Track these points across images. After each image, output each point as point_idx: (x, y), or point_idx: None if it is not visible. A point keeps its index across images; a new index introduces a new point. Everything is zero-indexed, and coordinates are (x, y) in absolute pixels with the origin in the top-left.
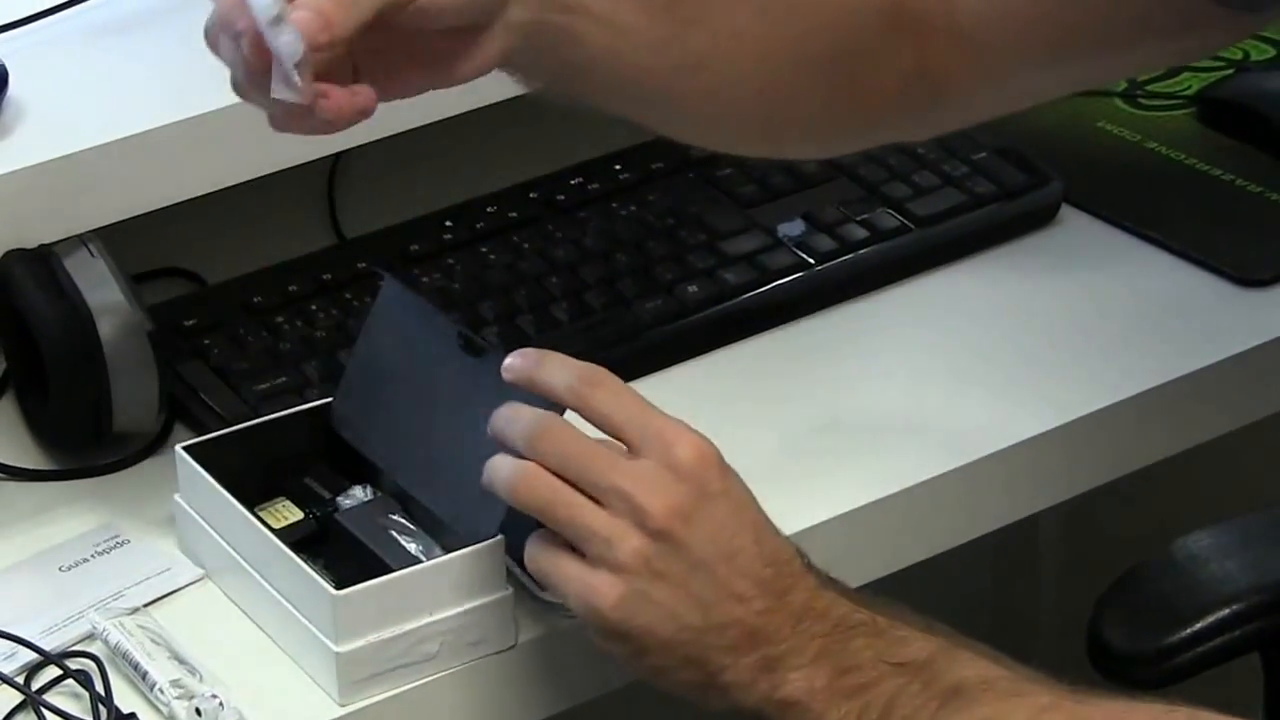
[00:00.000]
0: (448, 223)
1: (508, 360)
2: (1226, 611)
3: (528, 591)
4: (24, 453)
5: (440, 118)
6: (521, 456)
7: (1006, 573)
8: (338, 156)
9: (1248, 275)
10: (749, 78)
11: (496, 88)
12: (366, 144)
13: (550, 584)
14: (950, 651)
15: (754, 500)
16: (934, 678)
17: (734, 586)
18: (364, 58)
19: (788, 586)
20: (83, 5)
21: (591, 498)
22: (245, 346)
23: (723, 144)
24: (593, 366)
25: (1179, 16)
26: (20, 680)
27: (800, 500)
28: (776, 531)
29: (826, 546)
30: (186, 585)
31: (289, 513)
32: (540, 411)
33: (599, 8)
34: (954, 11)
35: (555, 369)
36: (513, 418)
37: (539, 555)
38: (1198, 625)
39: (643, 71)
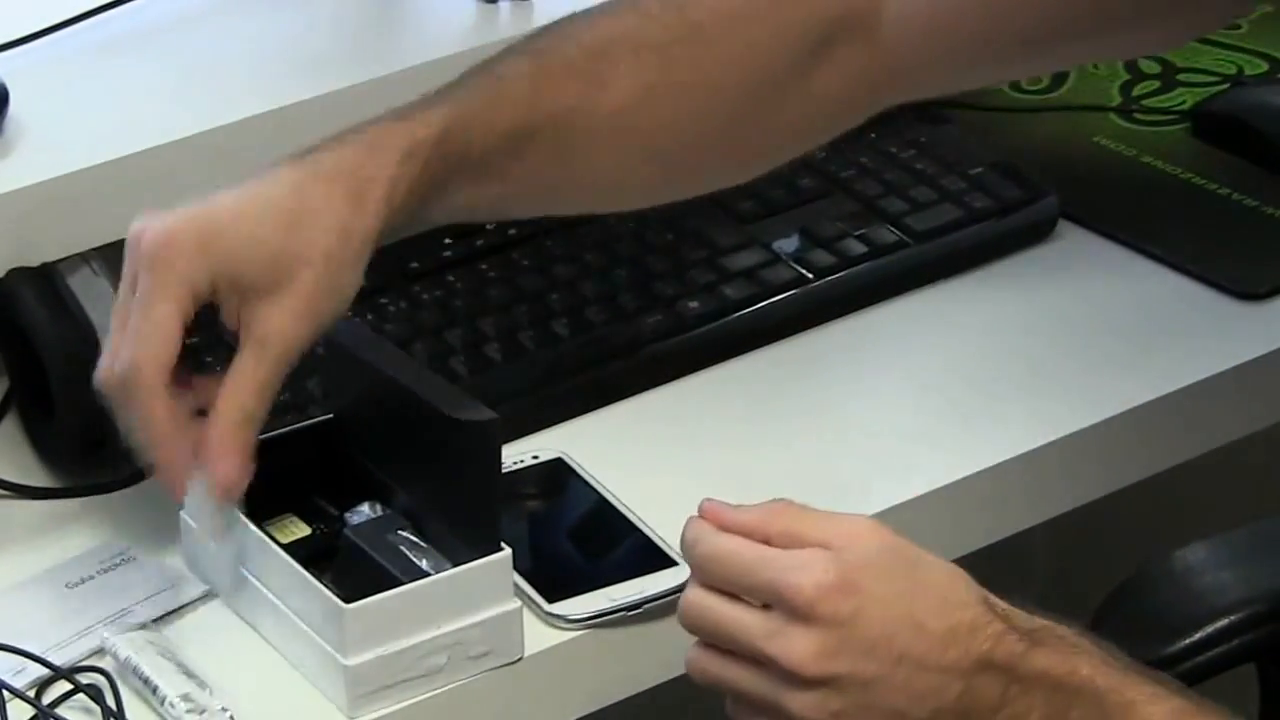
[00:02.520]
0: (447, 240)
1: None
2: (1223, 623)
3: (534, 604)
4: (28, 471)
5: None
6: None
7: (999, 587)
8: None
9: (1244, 289)
10: (658, 167)
11: None
12: None
13: None
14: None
15: (902, 592)
16: None
17: (917, 686)
18: None
19: (981, 661)
20: (82, 24)
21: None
22: None
23: (619, 204)
24: (698, 537)
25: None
26: (31, 695)
27: None
28: (952, 605)
29: None
30: (194, 600)
31: (297, 528)
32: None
33: (481, 201)
34: (899, 28)
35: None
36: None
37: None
38: (1194, 637)
39: (537, 207)
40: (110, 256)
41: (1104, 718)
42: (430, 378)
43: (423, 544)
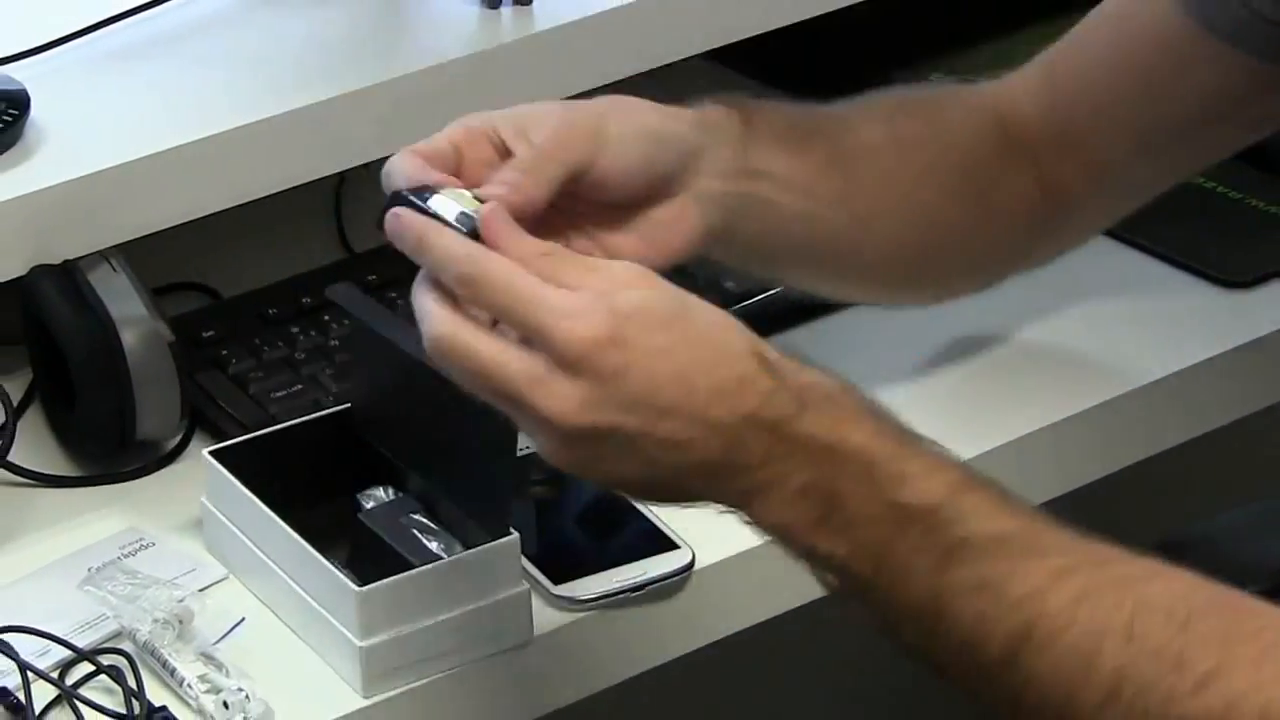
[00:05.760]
0: None
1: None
2: None
3: (542, 586)
4: (52, 460)
5: None
6: None
7: None
8: (344, 174)
9: (1230, 278)
10: (905, 217)
11: (496, 106)
12: (372, 162)
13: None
14: (960, 497)
15: (670, 346)
16: (938, 526)
17: (677, 439)
18: (579, 237)
19: (746, 419)
20: (99, 33)
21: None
22: (261, 356)
23: (896, 294)
24: (466, 256)
25: (1254, 82)
26: (55, 676)
27: None
28: (723, 357)
29: None
30: (212, 584)
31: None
32: (427, 330)
33: (779, 170)
34: (1053, 120)
35: (440, 269)
36: (418, 318)
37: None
38: None
39: (829, 228)
40: (129, 253)
41: (874, 488)
42: None
43: (435, 527)
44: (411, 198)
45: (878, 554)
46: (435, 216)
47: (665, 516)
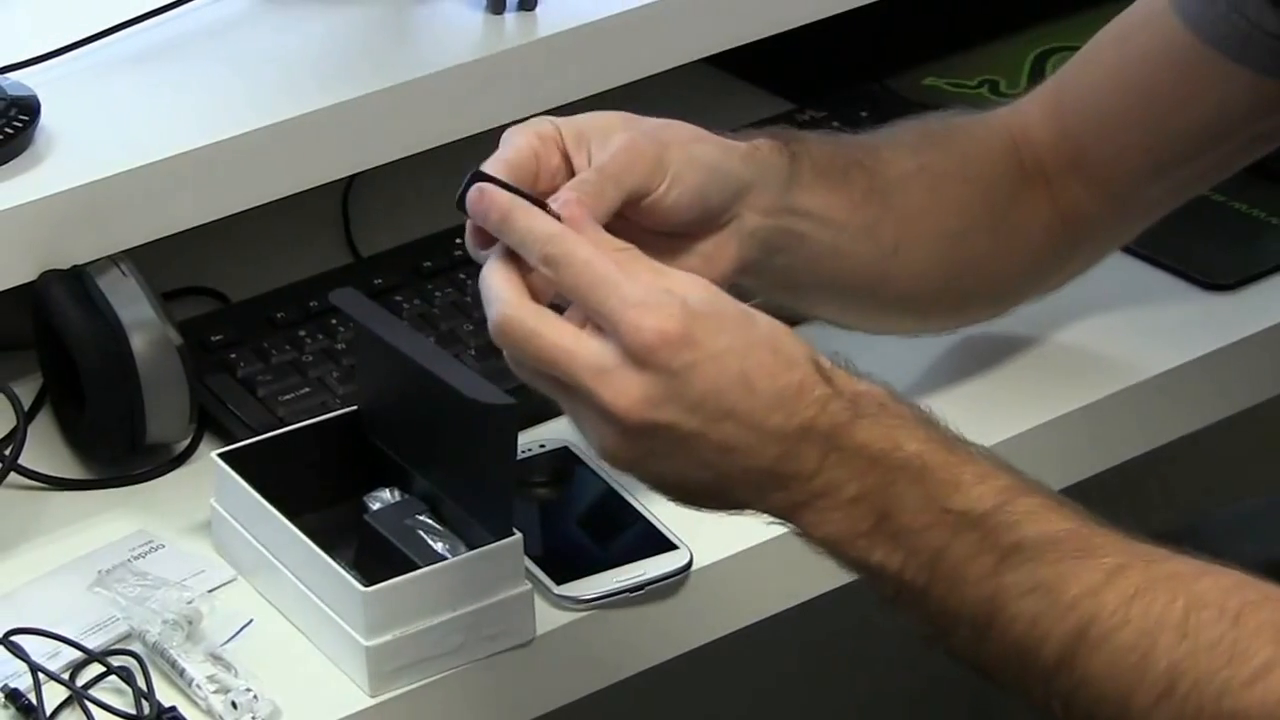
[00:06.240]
0: (458, 239)
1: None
2: None
3: (544, 586)
4: (63, 463)
5: (448, 140)
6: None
7: None
8: (351, 178)
9: (1214, 280)
10: (931, 248)
11: (500, 111)
12: (379, 166)
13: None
14: (1012, 503)
15: (737, 349)
16: (992, 531)
17: (734, 443)
18: None
19: (802, 427)
20: (108, 38)
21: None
22: (269, 359)
23: (920, 324)
24: (552, 236)
25: (1260, 98)
26: (66, 677)
27: None
28: (783, 363)
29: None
30: (221, 586)
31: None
32: (496, 312)
33: (816, 207)
34: (1064, 146)
35: (524, 246)
36: (486, 300)
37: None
38: None
39: (858, 261)
40: (138, 258)
41: (928, 495)
42: (452, 363)
43: (439, 527)
44: (496, 176)
45: (932, 561)
46: (521, 194)
47: (664, 518)
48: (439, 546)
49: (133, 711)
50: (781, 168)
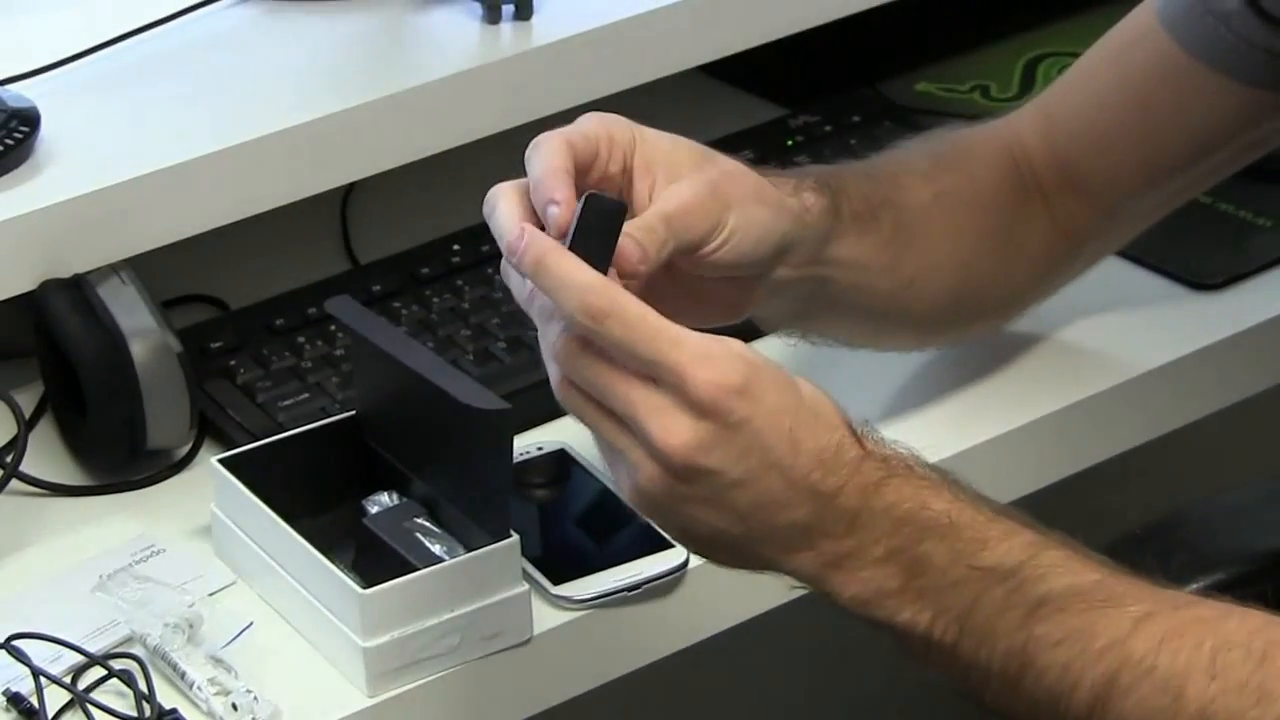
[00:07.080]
0: (455, 246)
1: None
2: (1204, 583)
3: (541, 587)
4: (64, 470)
5: (445, 148)
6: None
7: None
8: (350, 186)
9: (1200, 280)
10: (944, 273)
11: (497, 119)
12: (376, 174)
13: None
14: (1038, 556)
15: (789, 408)
16: (1020, 585)
17: (774, 496)
18: (648, 292)
19: (838, 486)
20: (107, 50)
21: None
22: (268, 366)
23: (924, 341)
24: (596, 287)
25: (1249, 108)
26: (67, 680)
27: None
28: (824, 424)
29: None
30: (221, 589)
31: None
32: (561, 338)
33: (846, 255)
34: (1054, 162)
35: (560, 292)
36: (544, 331)
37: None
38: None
39: (875, 295)
40: (138, 266)
41: (955, 554)
42: (448, 369)
43: (437, 530)
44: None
45: (961, 617)
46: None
47: None
48: (437, 549)
49: (134, 714)
50: (824, 225)
